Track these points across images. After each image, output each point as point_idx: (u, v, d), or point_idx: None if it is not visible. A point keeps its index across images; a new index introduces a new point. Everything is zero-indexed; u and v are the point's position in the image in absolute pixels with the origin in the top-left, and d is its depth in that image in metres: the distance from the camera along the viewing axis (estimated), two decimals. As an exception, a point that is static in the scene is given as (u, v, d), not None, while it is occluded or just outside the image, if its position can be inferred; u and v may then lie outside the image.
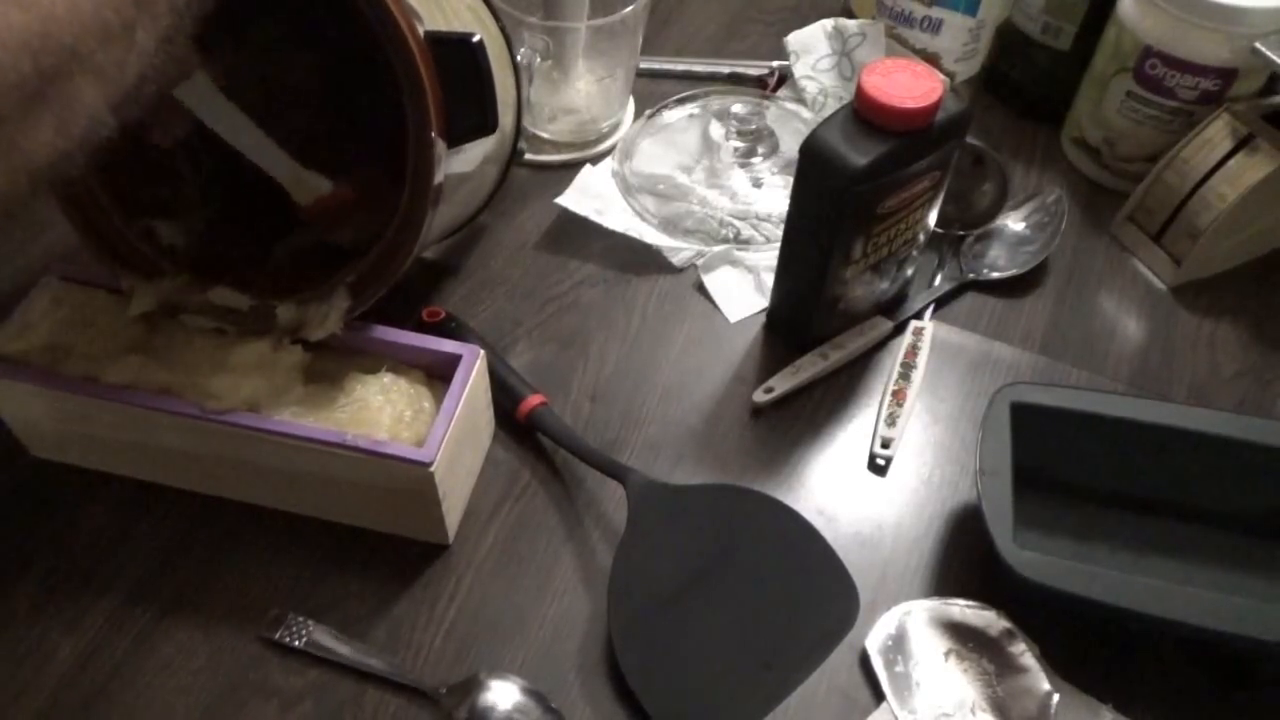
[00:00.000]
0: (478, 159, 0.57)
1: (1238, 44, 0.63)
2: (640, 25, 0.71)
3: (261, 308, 0.54)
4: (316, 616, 0.50)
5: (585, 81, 0.74)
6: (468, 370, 0.51)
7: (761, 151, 0.73)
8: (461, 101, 0.49)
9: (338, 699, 0.48)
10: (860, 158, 0.52)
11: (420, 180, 0.50)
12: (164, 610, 0.50)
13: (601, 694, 0.49)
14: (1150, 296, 0.68)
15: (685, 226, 0.69)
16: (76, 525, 0.53)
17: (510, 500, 0.56)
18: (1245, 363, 0.65)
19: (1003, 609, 0.50)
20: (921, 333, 0.64)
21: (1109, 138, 0.72)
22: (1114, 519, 0.55)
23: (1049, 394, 0.54)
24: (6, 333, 0.51)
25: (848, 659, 0.50)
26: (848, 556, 0.53)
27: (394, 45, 0.47)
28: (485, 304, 0.65)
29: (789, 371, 0.61)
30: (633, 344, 0.64)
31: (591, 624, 0.51)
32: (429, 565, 0.53)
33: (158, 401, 0.49)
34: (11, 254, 0.65)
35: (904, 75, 0.52)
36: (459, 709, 0.47)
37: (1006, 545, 0.48)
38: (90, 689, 0.48)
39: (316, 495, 0.53)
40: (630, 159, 0.73)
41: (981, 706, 0.48)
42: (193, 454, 0.52)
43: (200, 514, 0.54)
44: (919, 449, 0.59)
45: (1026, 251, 0.69)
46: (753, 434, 0.59)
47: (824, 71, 0.76)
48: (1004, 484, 0.50)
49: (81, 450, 0.54)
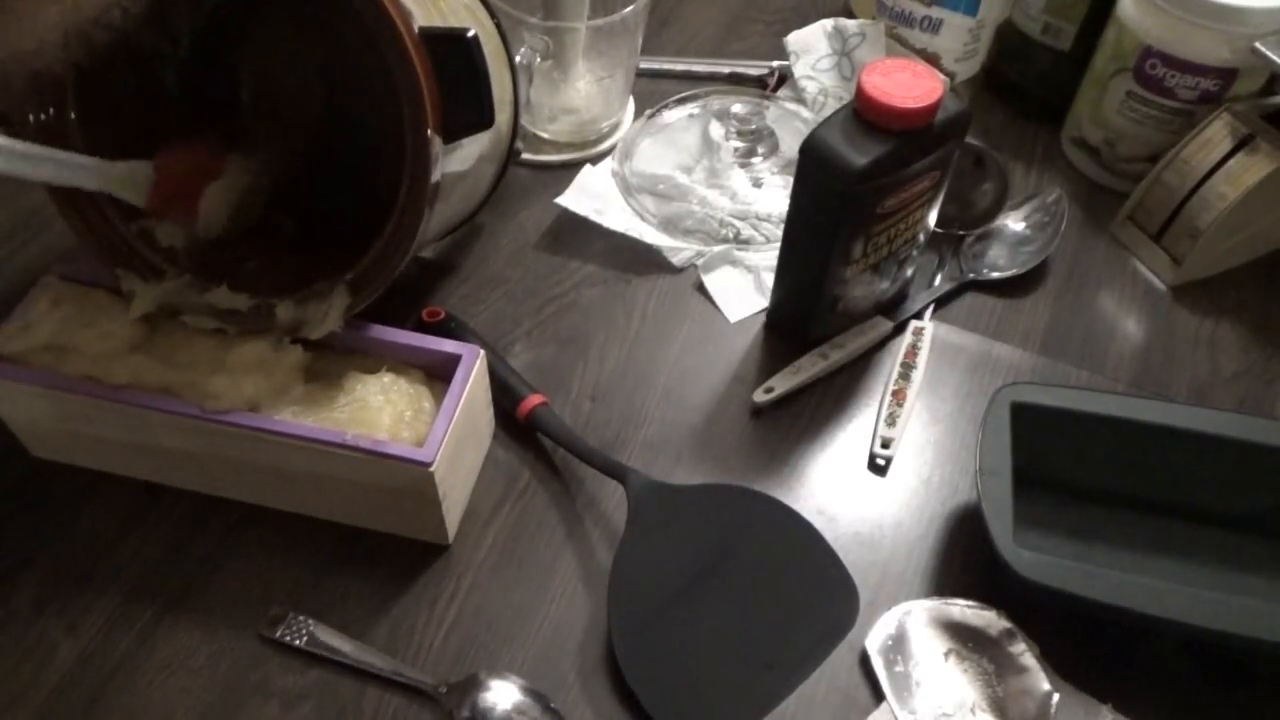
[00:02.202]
0: (474, 157, 0.57)
1: (1238, 44, 0.63)
2: (640, 25, 0.71)
3: (261, 307, 0.54)
4: (317, 616, 0.50)
5: (585, 81, 0.74)
6: (468, 370, 0.51)
7: (761, 151, 0.73)
8: (457, 98, 0.49)
9: (338, 698, 0.48)
10: (860, 158, 0.52)
11: (417, 178, 0.50)
12: (164, 610, 0.51)
13: (601, 694, 0.49)
14: (1150, 296, 0.68)
15: (685, 226, 0.69)
16: (76, 525, 0.53)
17: (510, 500, 0.56)
18: (1245, 363, 0.65)
19: (1003, 609, 0.50)
20: (921, 333, 0.64)
21: (1109, 138, 0.72)
22: (1114, 519, 0.55)
23: (1049, 394, 0.54)
24: (6, 333, 0.51)
25: (848, 659, 0.50)
26: (848, 556, 0.53)
27: (389, 42, 0.47)
28: (485, 304, 0.65)
29: (789, 371, 0.61)
30: (633, 344, 0.64)
31: (591, 624, 0.51)
32: (429, 565, 0.53)
33: (158, 401, 0.49)
34: (11, 254, 0.65)
35: (904, 75, 0.52)
36: (459, 709, 0.47)
37: (1006, 545, 0.48)
38: (90, 689, 0.48)
39: (316, 495, 0.53)
40: (630, 159, 0.73)
41: (981, 706, 0.48)
42: (193, 454, 0.52)
43: (200, 514, 0.54)
44: (919, 449, 0.59)
45: (1026, 251, 0.69)
46: (753, 434, 0.59)
47: (824, 71, 0.76)
48: (1004, 484, 0.50)
49: (81, 450, 0.54)
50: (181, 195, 0.53)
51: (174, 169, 0.53)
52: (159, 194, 0.52)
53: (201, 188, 0.53)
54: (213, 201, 0.53)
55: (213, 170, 0.54)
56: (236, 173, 0.54)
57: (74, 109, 0.54)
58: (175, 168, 0.53)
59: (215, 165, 0.54)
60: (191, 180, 0.53)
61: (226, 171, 0.54)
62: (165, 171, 0.52)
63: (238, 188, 0.54)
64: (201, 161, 0.54)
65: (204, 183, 0.53)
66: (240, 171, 0.55)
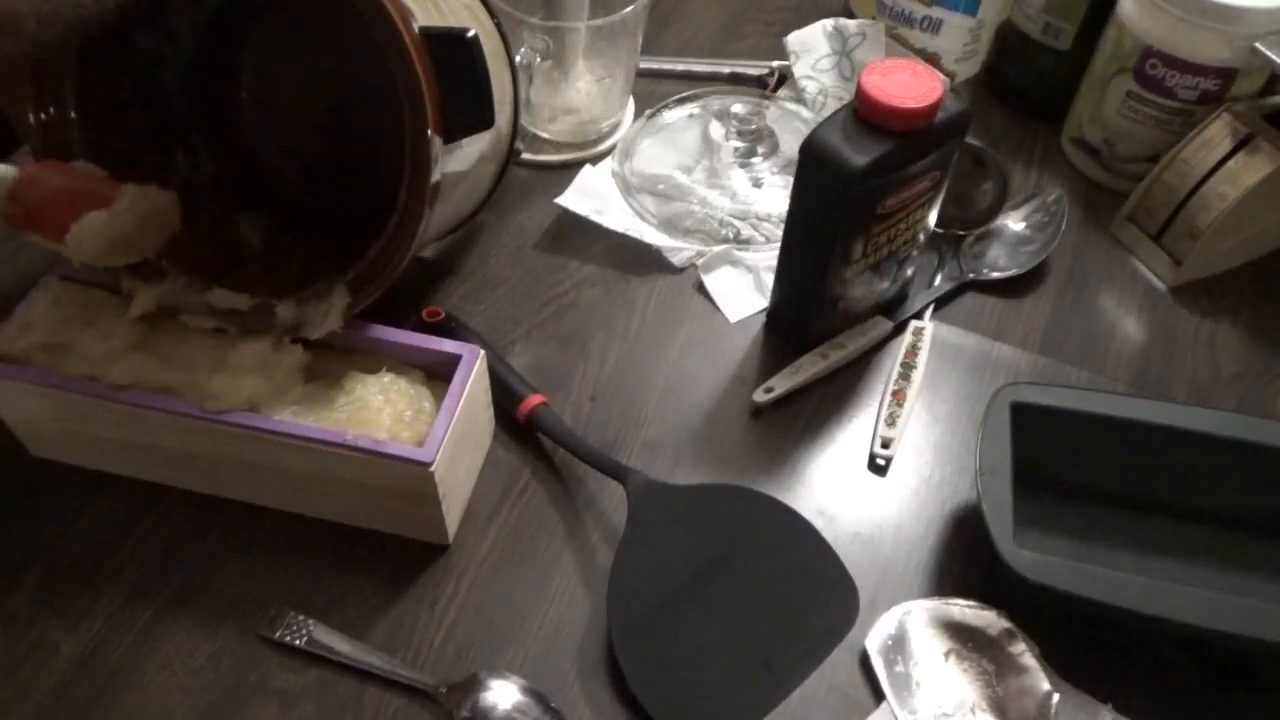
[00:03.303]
0: (474, 157, 0.57)
1: (1238, 44, 0.63)
2: (640, 25, 0.71)
3: (261, 307, 0.54)
4: (317, 616, 0.50)
5: (585, 81, 0.74)
6: (468, 370, 0.51)
7: (761, 151, 0.73)
8: (457, 97, 0.49)
9: (338, 698, 0.48)
10: (860, 158, 0.52)
11: (417, 178, 0.50)
12: (164, 610, 0.51)
13: (601, 694, 0.49)
14: (1150, 296, 0.68)
15: (685, 226, 0.69)
16: (76, 525, 0.53)
17: (510, 500, 0.56)
18: (1245, 363, 0.65)
19: (1003, 609, 0.50)
20: (921, 333, 0.64)
21: (1109, 138, 0.72)
22: (1114, 519, 0.55)
23: (1049, 394, 0.54)
24: (6, 333, 0.51)
25: (848, 659, 0.50)
26: (848, 556, 0.53)
27: (389, 42, 0.47)
28: (485, 304, 0.65)
29: (789, 371, 0.61)
30: (633, 344, 0.64)
31: (591, 624, 0.51)
32: (429, 565, 0.53)
33: (158, 401, 0.49)
34: (12, 254, 0.65)
35: (904, 75, 0.52)
36: (459, 708, 0.47)
37: (1006, 545, 0.48)
38: (90, 689, 0.48)
39: (316, 495, 0.53)
40: (630, 159, 0.73)
41: (981, 706, 0.48)
42: (193, 454, 0.52)
43: (200, 514, 0.54)
44: (919, 449, 0.59)
45: (1026, 251, 0.69)
46: (753, 434, 0.59)
47: (824, 71, 0.76)
48: (1004, 484, 0.50)
49: (81, 450, 0.54)
50: (49, 213, 0.48)
51: (43, 183, 0.48)
52: (18, 204, 0.47)
53: (79, 211, 0.48)
54: (89, 228, 0.48)
55: (99, 197, 0.49)
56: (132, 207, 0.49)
57: (74, 109, 0.54)
58: (45, 182, 0.48)
59: (104, 192, 0.49)
60: (65, 200, 0.48)
61: (118, 203, 0.49)
62: (30, 183, 0.48)
63: (124, 223, 0.49)
64: (86, 184, 0.50)
65: (83, 206, 0.48)
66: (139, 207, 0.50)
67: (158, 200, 0.51)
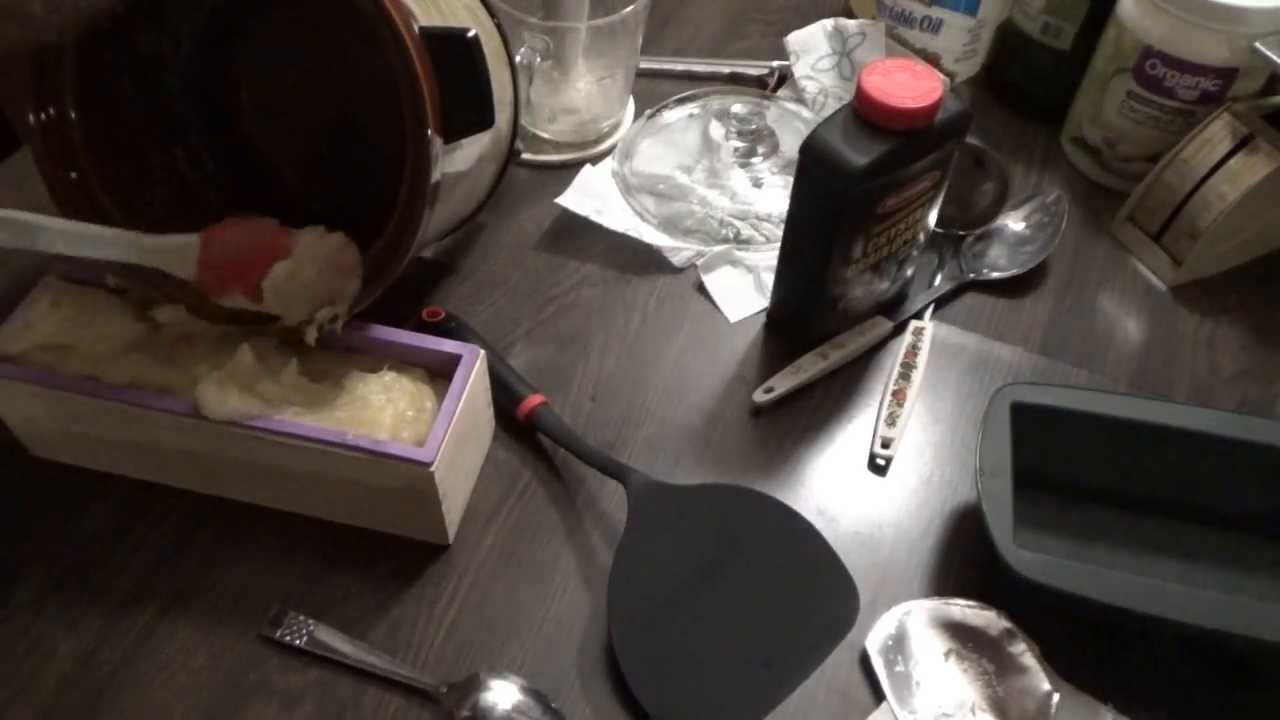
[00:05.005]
0: (474, 157, 0.57)
1: (1238, 44, 0.63)
2: (640, 25, 0.71)
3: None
4: (317, 616, 0.50)
5: (585, 81, 0.74)
6: (468, 370, 0.51)
7: (761, 151, 0.73)
8: (458, 98, 0.49)
9: (338, 698, 0.48)
10: (860, 158, 0.52)
11: (417, 178, 0.50)
12: (164, 610, 0.50)
13: (601, 694, 0.49)
14: (1150, 296, 0.68)
15: (685, 226, 0.69)
16: (76, 525, 0.53)
17: (510, 500, 0.56)
18: (1245, 363, 0.65)
19: (1003, 609, 0.50)
20: (921, 333, 0.64)
21: (1109, 138, 0.72)
22: (1114, 519, 0.55)
23: (1049, 394, 0.54)
24: (6, 333, 0.51)
25: (848, 659, 0.50)
26: (848, 556, 0.53)
27: (390, 41, 0.47)
28: (485, 304, 0.65)
29: (789, 371, 0.61)
30: (633, 344, 0.64)
31: (591, 624, 0.51)
32: (429, 565, 0.53)
33: (158, 401, 0.49)
34: (12, 254, 0.65)
35: (904, 75, 0.52)
36: (459, 708, 0.47)
37: (1006, 545, 0.48)
38: (90, 689, 0.48)
39: (317, 495, 0.53)
40: (630, 159, 0.73)
41: (981, 706, 0.48)
42: (193, 454, 0.52)
43: (200, 514, 0.54)
44: (919, 449, 0.59)
45: (1026, 251, 0.69)
46: (753, 434, 0.59)
47: (824, 71, 0.76)
48: (1004, 484, 0.50)
49: (81, 450, 0.54)
50: (240, 272, 0.48)
51: (227, 242, 0.48)
52: (209, 270, 0.48)
53: (264, 266, 0.48)
54: (277, 281, 0.48)
55: (278, 247, 0.49)
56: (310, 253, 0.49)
57: (74, 109, 0.54)
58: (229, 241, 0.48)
59: (282, 242, 0.49)
60: (249, 256, 0.48)
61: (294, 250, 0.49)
62: (216, 245, 0.48)
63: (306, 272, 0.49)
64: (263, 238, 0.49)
65: (267, 260, 0.48)
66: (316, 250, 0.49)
67: (331, 242, 0.50)
